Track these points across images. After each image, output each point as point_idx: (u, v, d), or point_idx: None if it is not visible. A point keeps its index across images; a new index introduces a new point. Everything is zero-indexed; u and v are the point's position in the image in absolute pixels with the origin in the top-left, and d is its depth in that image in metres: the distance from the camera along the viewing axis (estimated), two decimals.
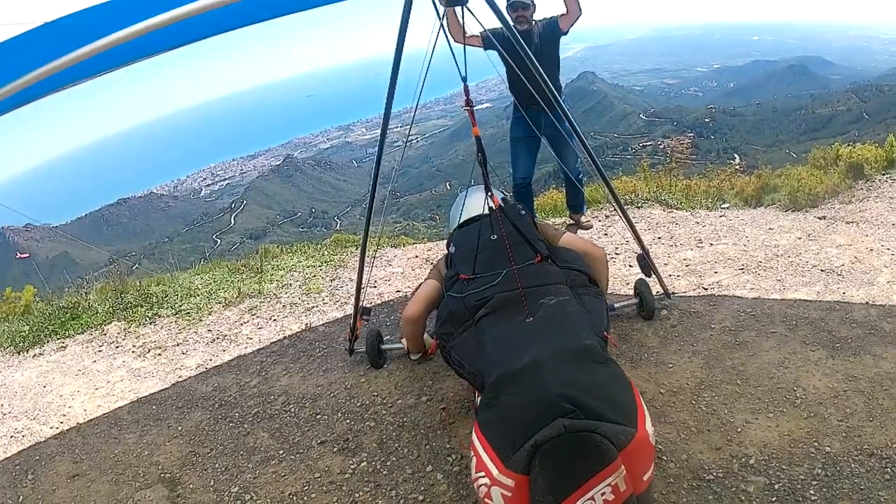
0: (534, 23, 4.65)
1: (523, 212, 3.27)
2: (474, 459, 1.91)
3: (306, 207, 76.83)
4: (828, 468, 2.41)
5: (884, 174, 6.29)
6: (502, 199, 3.37)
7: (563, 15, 4.61)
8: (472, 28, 3.57)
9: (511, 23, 4.58)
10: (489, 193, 2.87)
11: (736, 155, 60.47)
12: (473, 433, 1.96)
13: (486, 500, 1.82)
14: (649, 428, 1.85)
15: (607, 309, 2.63)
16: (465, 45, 3.12)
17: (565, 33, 4.68)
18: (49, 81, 1.63)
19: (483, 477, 1.82)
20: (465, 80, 3.08)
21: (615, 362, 2.06)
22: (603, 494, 1.65)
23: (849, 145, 7.39)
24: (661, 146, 61.78)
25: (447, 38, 3.09)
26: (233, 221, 71.53)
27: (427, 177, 72.74)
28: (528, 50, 3.15)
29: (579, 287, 2.62)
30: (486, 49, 4.35)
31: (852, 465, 2.41)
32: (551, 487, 1.67)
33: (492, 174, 2.95)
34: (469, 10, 3.04)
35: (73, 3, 1.82)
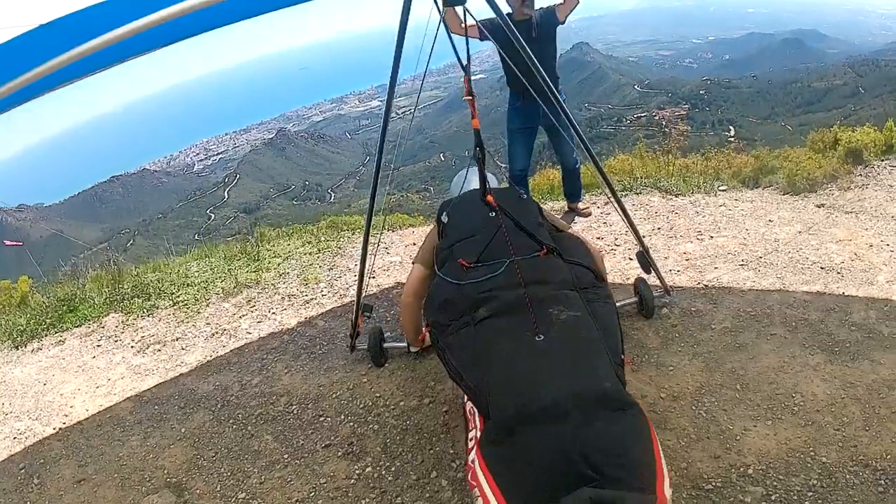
0: (533, 12, 4.58)
1: (524, 196, 3.14)
2: (480, 501, 1.82)
3: (300, 180, 76.53)
4: (823, 479, 2.46)
5: (883, 160, 6.27)
6: (504, 188, 3.26)
7: (560, 4, 4.57)
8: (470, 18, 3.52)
9: (510, 10, 4.52)
10: (486, 190, 2.78)
11: (731, 127, 60.42)
12: (478, 467, 1.86)
13: None
14: (667, 491, 1.78)
15: (619, 319, 2.45)
16: (466, 35, 3.08)
17: (562, 23, 4.64)
18: (47, 81, 1.62)
19: None
20: (466, 69, 3.03)
21: (635, 406, 1.93)
22: None
23: (848, 127, 7.35)
24: (656, 117, 61.58)
25: (447, 29, 3.05)
26: (226, 196, 71.28)
27: (421, 148, 72.39)
28: (529, 36, 3.07)
29: (589, 289, 2.42)
30: (482, 40, 4.31)
31: (847, 476, 2.46)
32: None
33: (487, 154, 2.86)
34: (467, 10, 2.99)
35: (72, 3, 1.81)
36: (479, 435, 2.03)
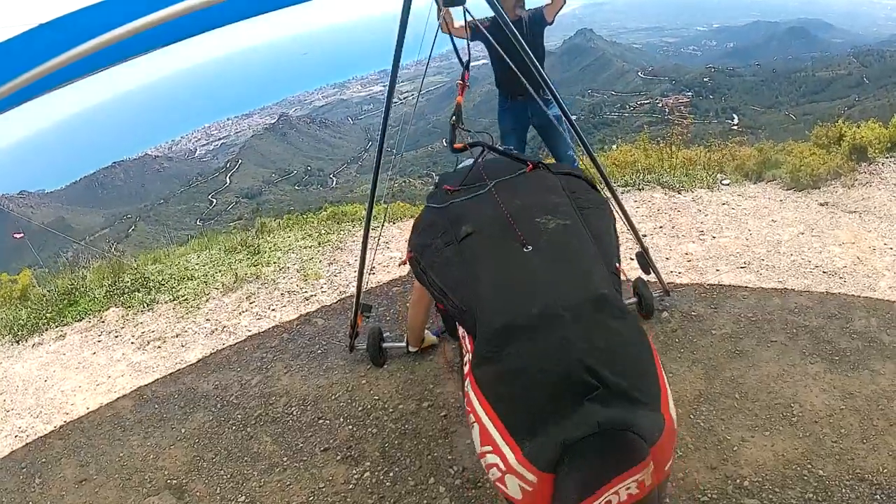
0: (524, 13, 4.59)
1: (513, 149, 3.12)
2: (476, 427, 1.68)
3: (302, 165, 76.60)
4: (819, 493, 2.46)
5: (888, 157, 6.23)
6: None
7: (547, 5, 4.57)
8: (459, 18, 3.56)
9: (500, 10, 4.54)
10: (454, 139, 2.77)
11: (735, 115, 60.25)
12: (471, 390, 1.72)
13: (498, 484, 1.65)
14: (672, 412, 1.67)
15: (615, 226, 2.27)
16: (450, 34, 3.08)
17: (551, 23, 4.66)
18: (47, 81, 1.61)
19: (494, 456, 1.62)
20: (465, 66, 3.06)
21: (631, 315, 1.81)
22: (628, 489, 1.53)
23: (852, 122, 7.28)
24: (660, 105, 61.44)
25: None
26: (228, 181, 71.36)
27: (423, 133, 72.12)
28: (520, 38, 3.07)
29: (578, 193, 2.27)
30: (472, 40, 4.30)
31: (843, 490, 2.46)
32: (577, 487, 1.52)
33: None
34: (467, 10, 2.97)
35: (72, 3, 1.81)
36: (472, 349, 1.90)
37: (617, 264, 2.06)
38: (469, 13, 3.03)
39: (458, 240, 2.07)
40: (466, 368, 1.94)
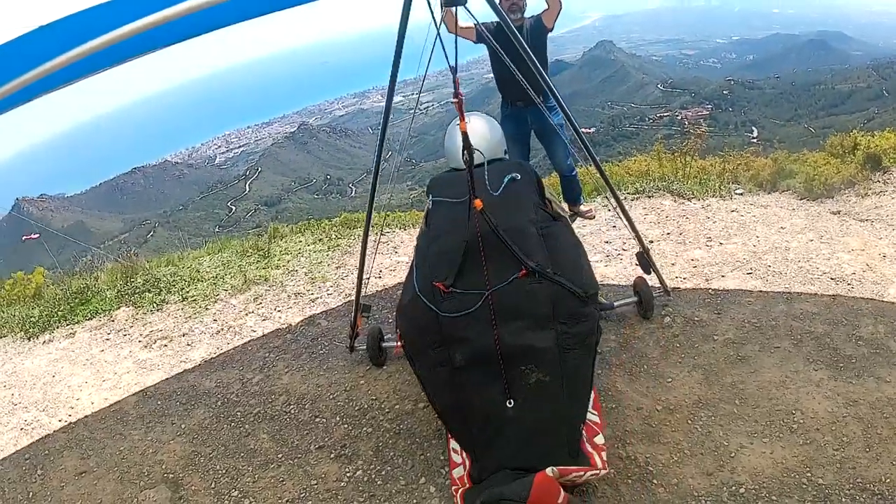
0: (524, 18, 4.62)
1: (518, 177, 3.01)
2: None
3: (321, 174, 77.18)
4: (818, 502, 2.39)
5: None
6: (497, 166, 3.14)
7: (545, 11, 4.59)
8: (466, 19, 3.57)
9: (505, 15, 4.57)
10: (473, 196, 2.72)
11: (754, 128, 59.71)
12: (460, 497, 2.43)
13: None
14: None
15: (593, 370, 2.63)
16: (456, 35, 3.09)
17: (551, 30, 4.70)
18: (46, 82, 1.64)
19: None
20: (454, 71, 3.01)
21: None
22: None
23: (868, 133, 7.18)
24: (679, 117, 61.19)
25: (446, 29, 3.06)
26: (247, 189, 72.11)
27: (443, 144, 72.37)
28: (521, 41, 3.06)
29: (568, 325, 2.47)
30: (476, 42, 4.35)
31: (843, 500, 2.38)
32: None
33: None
34: (467, 10, 2.97)
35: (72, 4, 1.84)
36: (469, 468, 2.53)
37: (583, 424, 2.50)
38: (470, 14, 3.04)
39: (452, 367, 2.49)
40: (461, 467, 2.59)
